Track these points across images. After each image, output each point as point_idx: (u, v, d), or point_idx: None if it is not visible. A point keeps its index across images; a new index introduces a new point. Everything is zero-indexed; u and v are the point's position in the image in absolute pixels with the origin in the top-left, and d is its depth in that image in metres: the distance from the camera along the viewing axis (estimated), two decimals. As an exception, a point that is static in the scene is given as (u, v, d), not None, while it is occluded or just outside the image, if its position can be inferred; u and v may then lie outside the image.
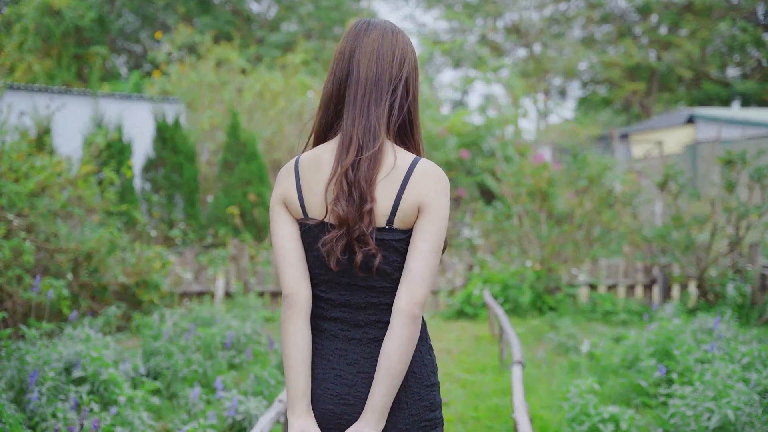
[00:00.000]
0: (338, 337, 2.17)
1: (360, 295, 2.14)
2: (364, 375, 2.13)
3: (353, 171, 2.07)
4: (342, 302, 2.16)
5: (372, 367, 2.12)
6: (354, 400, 2.13)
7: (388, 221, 2.08)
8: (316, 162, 2.17)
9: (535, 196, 10.00)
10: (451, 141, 16.54)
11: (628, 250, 10.32)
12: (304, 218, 2.16)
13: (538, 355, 7.38)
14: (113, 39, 30.72)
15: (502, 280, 9.66)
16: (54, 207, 7.80)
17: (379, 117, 2.13)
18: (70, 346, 5.49)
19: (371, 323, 2.14)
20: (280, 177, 2.23)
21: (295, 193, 2.17)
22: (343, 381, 2.14)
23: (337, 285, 2.16)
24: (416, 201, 2.07)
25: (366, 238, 2.06)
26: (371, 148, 2.09)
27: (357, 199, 2.05)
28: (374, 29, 2.19)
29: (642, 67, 31.62)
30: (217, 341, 6.34)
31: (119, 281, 8.08)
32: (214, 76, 15.81)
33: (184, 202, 13.13)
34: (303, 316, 2.16)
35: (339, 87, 2.18)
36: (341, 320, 2.17)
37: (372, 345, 2.13)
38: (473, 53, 30.10)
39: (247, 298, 8.81)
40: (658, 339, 5.86)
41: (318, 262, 2.16)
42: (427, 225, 2.07)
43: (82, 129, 12.57)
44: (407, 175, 2.09)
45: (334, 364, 2.16)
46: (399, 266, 2.10)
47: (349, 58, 2.17)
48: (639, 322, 9.16)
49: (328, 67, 2.25)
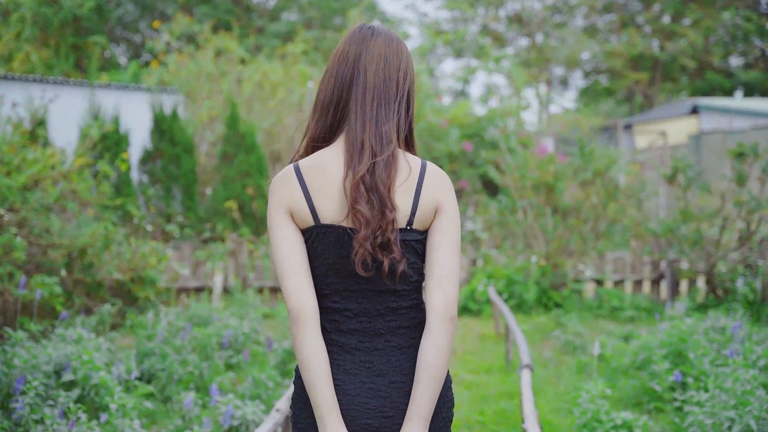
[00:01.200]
0: (359, 350, 2.12)
1: (378, 300, 2.11)
2: (397, 385, 2.10)
3: (369, 175, 2.05)
4: (360, 311, 2.11)
5: (402, 375, 2.10)
6: (393, 411, 2.09)
7: (408, 222, 2.08)
8: (321, 167, 2.12)
9: (540, 189, 9.77)
10: (454, 132, 16.30)
11: (636, 245, 10.09)
12: (315, 225, 2.09)
13: (544, 354, 7.17)
14: (112, 28, 30.45)
15: (506, 276, 9.45)
16: (47, 201, 7.58)
17: (390, 122, 2.13)
18: (60, 348, 5.29)
19: (392, 330, 2.12)
20: (279, 185, 2.13)
21: (303, 199, 2.10)
22: (378, 393, 2.10)
23: (353, 293, 2.11)
24: (433, 202, 2.09)
25: (391, 246, 2.04)
26: (385, 152, 2.08)
27: (377, 204, 2.04)
28: (380, 35, 2.20)
29: (645, 56, 31.34)
30: (214, 342, 6.12)
31: (114, 277, 7.86)
32: (212, 66, 15.54)
33: (182, 195, 12.90)
34: (314, 326, 2.08)
35: (342, 90, 2.16)
36: (360, 331, 2.12)
37: (397, 353, 2.11)
38: (475, 43, 29.83)
39: (246, 295, 8.59)
40: (671, 340, 5.64)
41: (333, 270, 2.10)
42: (446, 225, 2.09)
43: (78, 120, 12.32)
44: (421, 176, 2.11)
45: (363, 378, 2.11)
46: (417, 268, 2.11)
47: (354, 62, 2.16)
48: (647, 319, 8.96)
49: (326, 70, 2.21)
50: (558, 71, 36.15)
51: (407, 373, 2.09)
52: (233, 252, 9.76)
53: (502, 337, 8.02)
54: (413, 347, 2.11)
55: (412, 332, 2.13)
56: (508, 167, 10.46)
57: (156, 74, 15.83)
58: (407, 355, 2.11)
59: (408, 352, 2.11)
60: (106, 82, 14.75)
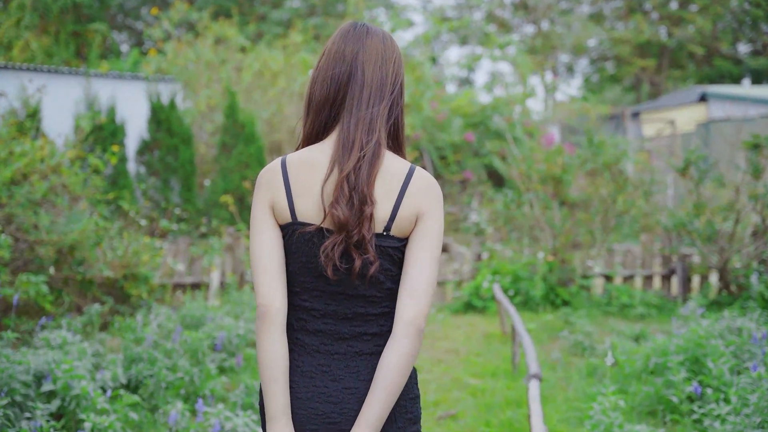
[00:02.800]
0: (320, 352, 2.09)
1: (347, 304, 2.08)
2: (350, 391, 2.06)
3: (354, 174, 2.02)
4: (327, 312, 2.09)
5: (359, 381, 2.06)
6: (340, 417, 2.06)
7: (386, 228, 2.04)
8: (309, 164, 2.09)
9: (547, 182, 9.43)
10: (457, 122, 15.96)
11: (646, 239, 9.76)
12: (292, 222, 2.07)
13: (552, 355, 6.86)
14: (114, 16, 30.12)
15: (512, 272, 9.13)
16: (34, 196, 7.28)
17: (381, 121, 2.10)
18: (41, 355, 4.99)
19: (356, 336, 2.08)
20: (265, 179, 2.11)
21: (284, 196, 2.08)
22: (329, 399, 2.07)
23: (323, 294, 2.09)
24: (415, 209, 2.05)
25: (366, 245, 2.01)
26: (372, 150, 2.05)
27: (357, 202, 2.00)
28: (374, 33, 2.18)
29: (652, 43, 30.90)
30: (205, 346, 5.82)
31: (105, 275, 7.57)
32: (212, 54, 15.21)
33: (180, 187, 12.61)
34: (279, 326, 2.06)
35: (338, 89, 2.13)
36: (324, 333, 2.09)
37: (357, 359, 2.08)
38: (480, 30, 29.42)
39: (242, 293, 8.30)
40: (687, 345, 5.33)
41: (305, 269, 2.08)
42: (427, 234, 2.05)
43: (73, 110, 12.02)
44: (405, 182, 2.06)
45: (317, 382, 2.08)
46: (391, 275, 2.07)
47: (351, 61, 2.13)
48: (658, 316, 8.65)
49: (318, 69, 2.17)
50: (564, 58, 35.72)
51: (363, 379, 2.06)
52: (230, 247, 9.46)
53: (508, 337, 7.71)
54: (375, 355, 2.07)
55: (377, 340, 2.08)
56: (514, 159, 10.13)
57: (154, 63, 15.51)
58: (367, 362, 2.07)
59: (369, 359, 2.07)
60: (102, 70, 14.42)
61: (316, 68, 2.18)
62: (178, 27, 19.87)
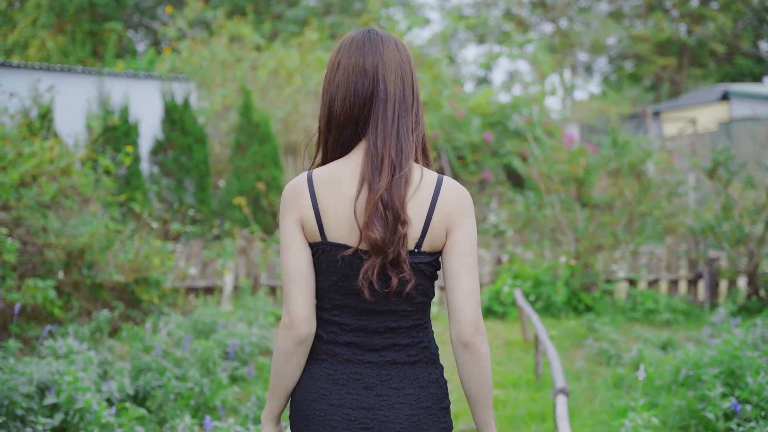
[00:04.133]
0: (352, 362, 2.08)
1: (378, 319, 2.06)
2: (382, 398, 2.06)
3: (388, 193, 1.99)
4: (358, 327, 2.07)
5: (390, 389, 2.07)
6: (372, 423, 2.06)
7: (417, 244, 2.03)
8: (335, 182, 2.05)
9: (569, 183, 9.16)
10: (475, 121, 15.68)
11: (671, 242, 9.46)
12: (322, 242, 2.04)
13: (576, 365, 6.60)
14: (130, 15, 30.03)
15: (533, 276, 8.87)
16: (43, 198, 7.09)
17: (408, 135, 2.06)
18: (45, 365, 4.79)
19: (388, 347, 2.08)
20: (294, 195, 2.06)
21: (312, 215, 2.04)
22: (361, 405, 2.06)
23: (354, 310, 2.07)
24: (445, 224, 2.03)
25: (401, 264, 2.00)
26: (405, 167, 2.02)
27: (391, 222, 1.98)
28: (389, 42, 2.12)
29: (673, 41, 30.49)
30: (216, 355, 5.60)
31: (115, 279, 7.37)
32: (226, 53, 15.02)
33: (194, 187, 12.42)
34: (304, 344, 2.08)
35: (363, 105, 2.06)
36: (355, 345, 2.08)
37: (389, 368, 2.08)
38: (498, 28, 29.12)
39: (256, 298, 8.08)
40: (722, 357, 5.06)
41: (336, 287, 2.06)
42: (461, 246, 2.04)
43: (86, 110, 11.84)
44: (435, 195, 2.04)
45: (350, 389, 2.08)
46: (423, 289, 2.07)
47: (373, 75, 2.07)
48: (685, 323, 8.37)
49: (337, 84, 2.08)
50: (582, 57, 35.34)
51: (395, 387, 2.06)
52: (244, 249, 9.25)
53: (530, 345, 7.46)
54: (407, 364, 2.08)
55: (409, 350, 2.09)
56: (536, 159, 9.86)
57: (168, 61, 15.33)
58: (399, 371, 2.07)
59: (400, 368, 2.08)
60: (116, 69, 14.25)
61: (332, 83, 2.10)
62: (193, 26, 19.69)
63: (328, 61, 2.14)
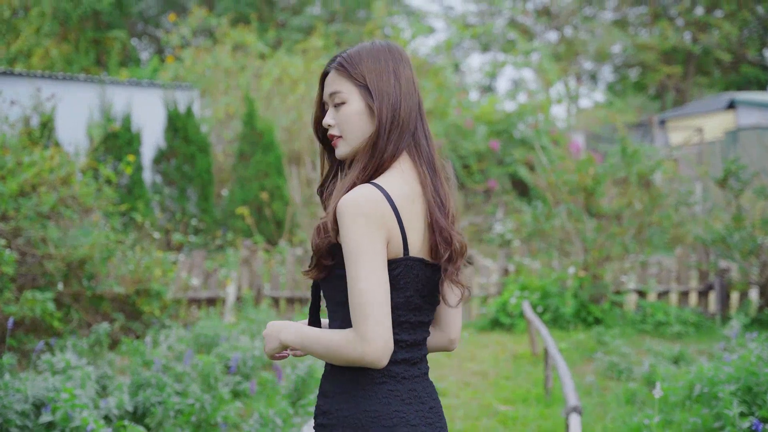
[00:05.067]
0: (406, 378, 2.08)
1: (420, 332, 2.11)
2: (434, 410, 2.11)
3: (454, 206, 2.11)
4: (410, 342, 2.08)
5: (435, 401, 2.12)
6: None
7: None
8: (408, 197, 2.05)
9: (577, 193, 9.01)
10: (481, 129, 15.55)
11: (681, 253, 9.31)
12: (405, 258, 2.03)
13: (586, 379, 6.45)
14: (134, 23, 29.99)
15: (541, 287, 8.71)
16: (42, 208, 6.96)
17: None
18: (41, 381, 4.65)
19: (422, 358, 2.13)
20: (380, 212, 1.98)
21: (398, 231, 2.01)
22: (426, 420, 2.07)
23: (410, 325, 2.07)
24: None
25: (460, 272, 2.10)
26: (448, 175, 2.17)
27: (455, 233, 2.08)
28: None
29: (678, 49, 30.34)
30: (217, 370, 5.46)
31: (115, 291, 7.23)
32: (230, 61, 14.92)
33: (197, 197, 12.28)
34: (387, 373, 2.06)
35: (418, 116, 2.13)
36: (405, 361, 2.08)
37: (425, 379, 2.13)
38: (502, 36, 29.01)
39: (258, 310, 7.94)
40: (739, 374, 4.91)
41: (406, 302, 2.05)
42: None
43: (87, 118, 11.71)
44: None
45: (414, 407, 2.07)
46: None
47: (416, 85, 2.15)
48: (696, 335, 8.22)
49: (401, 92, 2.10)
50: (587, 65, 35.20)
51: (436, 398, 2.13)
52: (247, 260, 9.11)
53: (538, 358, 7.30)
54: (428, 373, 2.15)
55: (426, 359, 2.15)
56: (543, 168, 9.71)
57: (171, 69, 15.23)
58: (429, 381, 2.14)
59: (428, 378, 2.14)
60: (118, 78, 14.15)
61: (394, 90, 2.10)
62: (197, 34, 19.60)
63: (373, 68, 2.11)
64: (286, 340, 2.08)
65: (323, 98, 2.19)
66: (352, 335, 1.94)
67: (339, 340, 1.96)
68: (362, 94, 2.10)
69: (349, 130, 2.10)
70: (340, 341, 1.96)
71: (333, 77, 2.14)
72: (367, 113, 2.10)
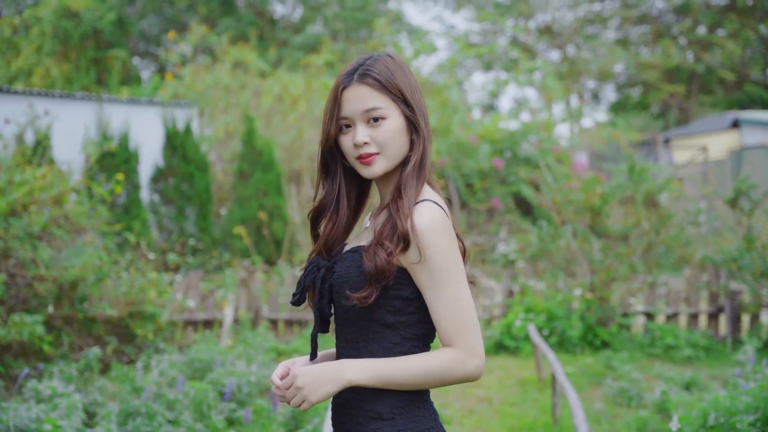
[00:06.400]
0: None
1: None
2: None
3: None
4: None
5: None
6: None
7: None
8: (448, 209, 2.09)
9: (583, 212, 8.78)
10: (485, 148, 15.35)
11: (690, 274, 9.07)
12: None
13: (595, 406, 6.20)
14: (136, 42, 29.93)
15: (547, 310, 8.48)
16: (32, 228, 6.75)
17: None
18: (23, 411, 4.43)
19: None
20: (450, 226, 2.01)
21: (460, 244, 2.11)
22: None
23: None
24: None
25: None
26: None
27: None
28: None
29: (681, 69, 30.22)
30: (210, 397, 5.22)
31: (107, 314, 7.01)
32: (230, 79, 14.75)
33: (195, 216, 12.07)
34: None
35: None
36: None
37: None
38: (505, 55, 28.89)
39: (256, 333, 7.71)
40: (757, 403, 4.67)
41: None
42: None
43: (84, 136, 11.52)
44: None
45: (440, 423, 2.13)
46: None
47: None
48: (707, 359, 7.97)
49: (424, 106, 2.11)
50: (589, 84, 35.09)
51: None
52: (244, 281, 8.88)
53: (545, 383, 7.05)
54: None
55: None
56: (549, 187, 9.50)
57: (171, 87, 15.06)
58: None
59: None
60: (117, 95, 13.98)
61: (423, 103, 2.09)
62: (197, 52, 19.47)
63: (405, 82, 2.06)
64: (356, 379, 1.96)
65: (342, 114, 2.05)
66: (458, 353, 1.93)
67: (447, 362, 1.94)
68: (401, 109, 2.04)
69: (392, 147, 2.03)
70: (449, 362, 1.94)
71: (364, 92, 2.02)
72: (405, 129, 2.05)
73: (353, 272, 2.00)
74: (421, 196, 2.01)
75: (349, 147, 2.05)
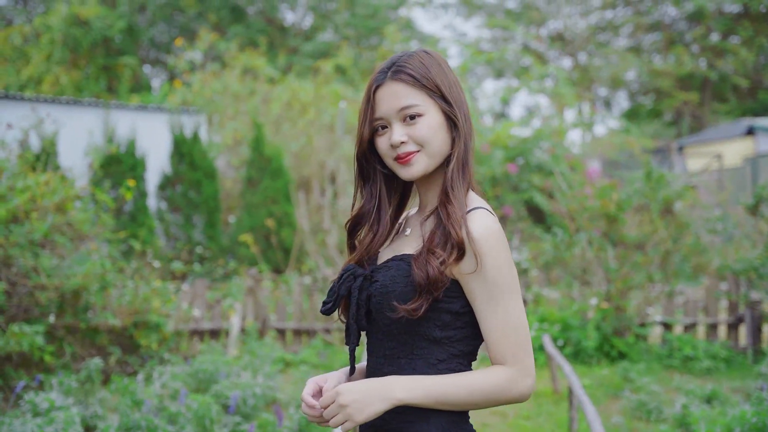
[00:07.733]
0: None
1: None
2: None
3: None
4: None
5: None
6: None
7: None
8: None
9: (598, 220, 8.56)
10: (498, 154, 15.14)
11: (710, 283, 8.83)
12: None
13: (613, 419, 5.98)
14: (146, 50, 29.90)
15: (562, 320, 8.26)
16: (34, 236, 6.59)
17: None
18: (18, 426, 4.24)
19: None
20: (504, 236, 1.90)
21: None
22: None
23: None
24: None
25: None
26: None
27: None
28: None
29: (694, 75, 29.97)
30: (213, 411, 5.03)
31: (110, 323, 6.83)
32: (239, 86, 14.60)
33: (203, 223, 11.90)
34: None
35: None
36: None
37: None
38: (516, 62, 28.72)
39: (263, 343, 7.52)
40: (786, 419, 4.45)
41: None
42: None
43: (91, 143, 11.37)
44: None
45: None
46: None
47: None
48: (727, 371, 7.73)
49: (465, 101, 1.99)
50: (602, 92, 34.87)
51: None
52: (251, 290, 8.70)
53: (561, 396, 6.83)
54: None
55: None
56: (563, 194, 9.28)
57: (179, 94, 14.93)
58: None
59: None
60: (124, 102, 13.85)
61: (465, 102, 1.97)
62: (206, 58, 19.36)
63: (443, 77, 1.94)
64: (407, 398, 1.81)
65: (377, 115, 1.93)
66: (512, 372, 1.82)
67: (502, 381, 1.82)
68: (439, 105, 1.92)
69: (433, 144, 1.90)
70: (504, 381, 1.82)
71: (399, 89, 1.91)
72: (445, 126, 1.93)
73: (399, 282, 1.86)
74: (470, 204, 1.91)
75: (386, 148, 1.93)
